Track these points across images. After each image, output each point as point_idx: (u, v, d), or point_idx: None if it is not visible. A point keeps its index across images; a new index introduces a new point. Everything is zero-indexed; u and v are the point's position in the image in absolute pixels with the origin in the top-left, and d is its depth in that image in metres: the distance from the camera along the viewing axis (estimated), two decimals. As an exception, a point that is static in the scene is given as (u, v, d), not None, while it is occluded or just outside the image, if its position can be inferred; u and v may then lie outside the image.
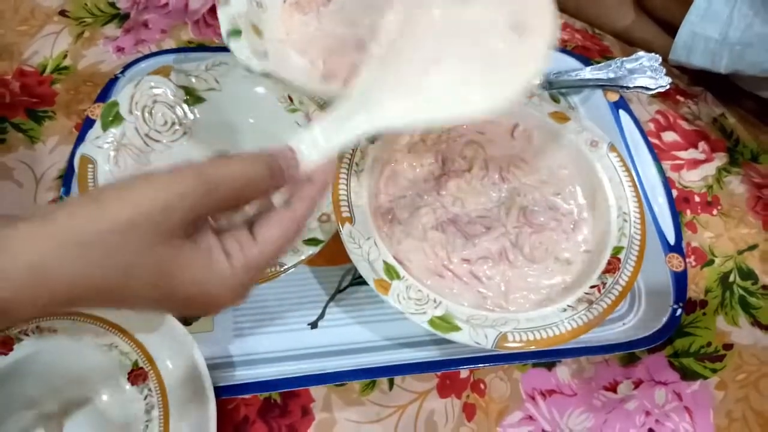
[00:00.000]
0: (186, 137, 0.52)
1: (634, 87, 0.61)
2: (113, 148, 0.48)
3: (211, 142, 0.52)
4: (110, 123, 0.48)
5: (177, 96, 0.51)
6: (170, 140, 0.51)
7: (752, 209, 0.59)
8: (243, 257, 0.26)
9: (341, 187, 0.45)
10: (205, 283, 0.25)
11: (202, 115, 0.52)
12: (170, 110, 0.51)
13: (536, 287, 0.46)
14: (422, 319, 0.41)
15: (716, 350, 0.50)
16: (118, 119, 0.48)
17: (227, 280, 0.26)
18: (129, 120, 0.49)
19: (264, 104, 0.52)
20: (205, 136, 0.52)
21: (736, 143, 0.64)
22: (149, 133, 0.50)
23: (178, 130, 0.51)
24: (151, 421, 0.40)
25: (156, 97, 0.50)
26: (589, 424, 0.46)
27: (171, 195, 0.24)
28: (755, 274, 0.55)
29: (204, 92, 0.52)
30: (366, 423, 0.44)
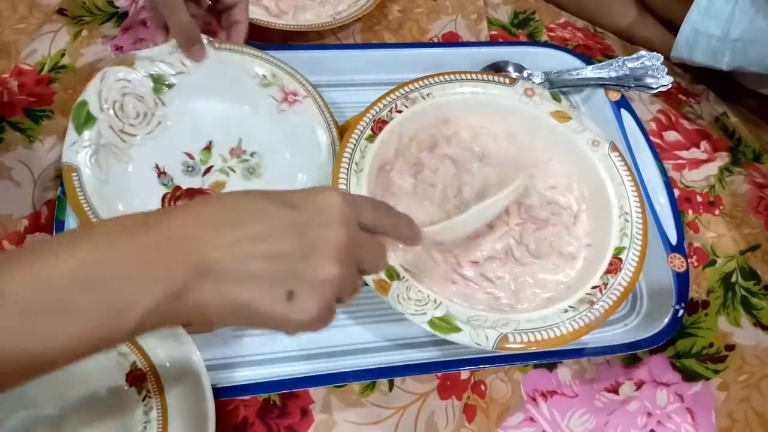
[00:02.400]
0: (162, 127, 0.50)
1: (636, 86, 0.61)
2: (92, 150, 0.46)
3: (189, 129, 0.51)
4: (83, 125, 0.46)
5: (145, 85, 0.49)
6: (147, 132, 0.49)
7: (754, 209, 0.59)
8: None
9: (341, 187, 0.45)
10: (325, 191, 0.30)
11: (175, 102, 0.50)
12: (141, 101, 0.49)
13: (544, 284, 0.46)
14: (422, 319, 0.41)
15: (718, 351, 0.50)
16: (91, 119, 0.46)
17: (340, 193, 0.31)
18: (101, 118, 0.47)
19: (237, 81, 0.51)
20: (181, 123, 0.51)
21: (738, 143, 0.64)
22: (124, 128, 0.48)
23: (153, 120, 0.49)
24: (150, 423, 0.40)
25: (124, 89, 0.48)
26: (590, 425, 0.46)
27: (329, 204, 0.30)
28: (757, 274, 0.54)
29: (173, 77, 0.50)
30: (366, 424, 0.44)
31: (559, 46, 0.67)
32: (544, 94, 0.53)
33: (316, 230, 0.29)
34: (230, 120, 0.52)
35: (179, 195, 0.49)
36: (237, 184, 0.50)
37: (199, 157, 0.51)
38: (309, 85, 0.53)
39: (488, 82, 0.53)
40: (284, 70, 0.53)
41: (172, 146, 0.50)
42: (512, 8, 0.71)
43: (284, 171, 0.51)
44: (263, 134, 0.52)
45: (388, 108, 0.50)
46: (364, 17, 0.64)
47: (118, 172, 0.47)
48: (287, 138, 0.52)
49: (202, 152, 0.51)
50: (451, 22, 0.68)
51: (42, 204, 0.49)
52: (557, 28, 0.71)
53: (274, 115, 0.52)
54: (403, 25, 0.67)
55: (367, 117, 0.49)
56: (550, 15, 0.72)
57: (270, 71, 0.52)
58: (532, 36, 0.69)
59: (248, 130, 0.52)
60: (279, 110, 0.52)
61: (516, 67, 0.63)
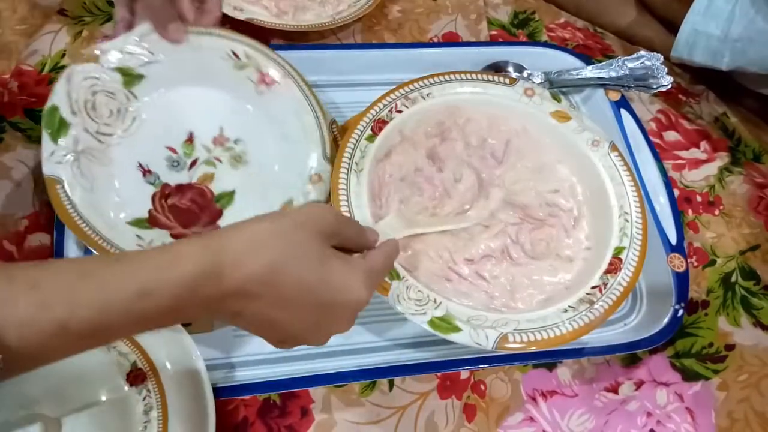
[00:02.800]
0: (138, 122, 0.48)
1: (636, 86, 0.61)
2: (73, 159, 0.44)
3: (167, 122, 0.49)
4: (58, 132, 0.44)
5: (114, 80, 0.46)
6: (123, 129, 0.47)
7: (754, 209, 0.59)
8: (364, 263, 0.35)
9: (341, 187, 0.45)
10: (347, 273, 0.33)
11: (148, 94, 0.48)
12: (112, 98, 0.46)
13: (540, 285, 0.46)
14: (422, 319, 0.41)
15: (718, 351, 0.50)
16: (65, 125, 0.44)
17: (359, 275, 0.34)
18: (75, 122, 0.45)
19: (209, 66, 0.49)
20: (158, 116, 0.48)
21: (737, 143, 0.64)
22: (99, 128, 0.46)
23: (128, 116, 0.47)
24: (150, 422, 0.40)
25: (93, 87, 0.46)
26: (590, 425, 0.46)
27: (324, 213, 0.34)
28: (757, 274, 0.54)
29: (142, 68, 0.48)
30: (366, 424, 0.44)
31: (559, 46, 0.67)
32: (544, 94, 0.53)
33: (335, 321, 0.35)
34: (208, 108, 0.50)
35: (169, 193, 0.48)
36: (225, 175, 0.49)
37: (182, 150, 0.49)
38: (287, 65, 0.51)
39: (488, 82, 0.53)
40: (258, 51, 0.51)
41: (152, 142, 0.48)
42: (512, 8, 0.71)
43: (271, 155, 0.50)
44: (244, 119, 0.51)
45: (388, 108, 0.50)
46: (364, 17, 0.64)
47: (103, 177, 0.46)
48: (270, 121, 0.51)
49: (185, 145, 0.49)
50: (451, 22, 0.68)
51: (42, 204, 0.49)
52: (557, 28, 0.71)
53: (253, 99, 0.51)
54: (403, 25, 0.67)
55: (367, 117, 0.49)
56: (550, 15, 0.72)
57: (243, 51, 0.50)
58: (532, 36, 0.69)
59: (228, 116, 0.51)
60: (258, 92, 0.51)
61: (516, 67, 0.63)
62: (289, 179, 0.49)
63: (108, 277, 0.27)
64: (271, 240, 0.31)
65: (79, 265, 0.27)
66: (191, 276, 0.28)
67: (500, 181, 0.51)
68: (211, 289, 0.29)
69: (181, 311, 0.29)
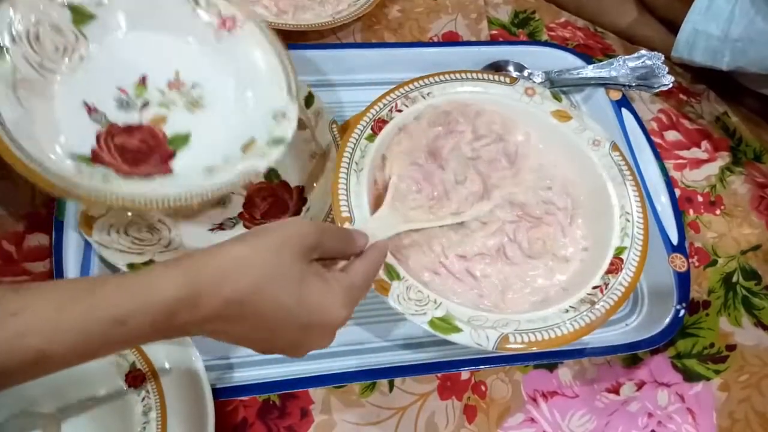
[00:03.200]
0: (86, 63, 0.46)
1: (637, 85, 0.61)
2: (9, 86, 0.41)
3: (118, 65, 0.47)
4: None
5: (63, 16, 0.45)
6: (70, 68, 0.45)
7: (755, 209, 0.58)
8: (344, 280, 0.35)
9: (341, 187, 0.45)
10: (325, 294, 0.33)
11: (99, 36, 0.47)
12: (59, 34, 0.45)
13: (534, 286, 0.46)
14: (422, 320, 0.41)
15: (719, 351, 0.50)
16: (0, 51, 0.42)
17: (338, 294, 0.34)
18: (14, 50, 0.42)
19: (167, 10, 0.48)
20: (108, 59, 0.47)
21: (738, 142, 0.63)
22: (42, 62, 0.44)
23: (74, 56, 0.45)
24: (149, 423, 0.40)
25: (39, 21, 0.44)
26: (591, 426, 0.46)
27: (300, 229, 0.34)
28: (758, 274, 0.54)
29: (94, 8, 0.46)
30: (365, 425, 0.44)
31: (559, 45, 0.67)
32: (544, 94, 0.53)
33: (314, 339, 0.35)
34: (163, 52, 0.49)
35: (116, 132, 0.46)
36: (180, 118, 0.48)
37: (134, 91, 0.47)
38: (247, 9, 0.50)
39: (489, 82, 0.53)
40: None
41: (101, 82, 0.47)
42: (512, 8, 0.71)
43: (231, 99, 0.49)
44: (202, 65, 0.50)
45: (388, 107, 0.50)
46: (364, 17, 0.64)
47: (42, 110, 0.43)
48: (230, 65, 0.50)
49: (137, 87, 0.48)
50: (451, 21, 0.68)
51: (41, 204, 0.49)
52: (558, 27, 0.71)
53: (211, 44, 0.50)
54: (403, 24, 0.67)
55: (367, 116, 0.49)
56: (551, 14, 0.72)
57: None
58: (533, 35, 0.69)
59: (185, 61, 0.49)
60: (217, 37, 0.50)
61: (516, 66, 0.63)
62: (252, 121, 0.48)
63: (86, 306, 0.28)
64: (248, 264, 0.31)
65: (60, 293, 0.28)
66: (167, 303, 0.29)
67: (504, 183, 0.51)
68: (188, 315, 0.29)
69: (160, 334, 0.30)
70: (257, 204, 0.51)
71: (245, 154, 0.46)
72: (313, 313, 0.33)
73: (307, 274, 0.33)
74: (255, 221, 0.50)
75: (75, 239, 0.46)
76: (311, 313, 0.33)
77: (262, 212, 0.50)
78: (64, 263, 0.45)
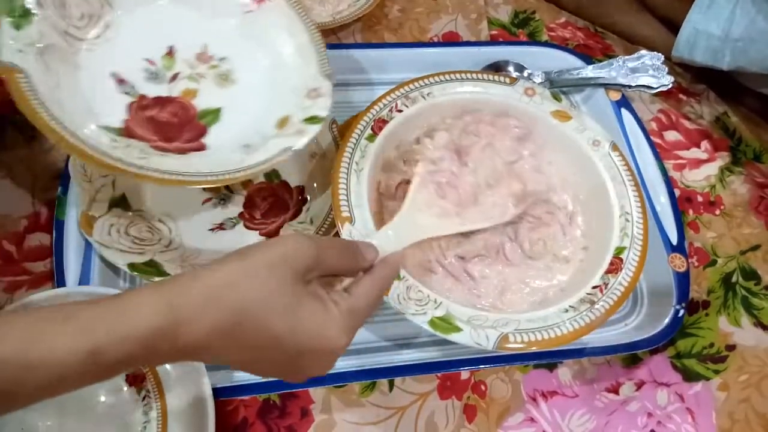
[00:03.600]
0: (112, 31, 0.45)
1: (637, 86, 0.61)
2: (36, 52, 0.41)
3: (144, 35, 0.46)
4: (20, 20, 0.40)
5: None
6: (94, 37, 0.44)
7: (755, 209, 0.58)
8: (345, 303, 0.32)
9: (341, 187, 0.45)
10: (322, 321, 0.31)
11: (125, 4, 0.46)
12: (84, 1, 0.44)
13: (533, 287, 0.46)
14: (422, 319, 0.41)
15: (718, 351, 0.50)
16: (28, 15, 0.41)
17: (337, 320, 0.31)
18: (40, 15, 0.41)
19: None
20: (134, 28, 0.46)
21: (738, 142, 0.63)
22: (68, 29, 0.43)
23: (100, 23, 0.45)
24: (149, 423, 0.40)
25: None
26: (590, 425, 0.46)
27: (296, 247, 0.31)
28: (758, 274, 0.54)
29: None
30: (365, 424, 0.44)
31: (559, 45, 0.67)
32: (544, 94, 0.53)
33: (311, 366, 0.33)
34: (192, 24, 0.48)
35: (147, 104, 0.45)
36: (210, 92, 0.47)
37: (162, 63, 0.47)
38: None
39: (489, 82, 0.53)
40: None
41: (128, 52, 0.46)
42: (512, 8, 0.71)
43: (262, 75, 0.49)
44: (230, 38, 0.49)
45: (388, 108, 0.50)
46: (364, 17, 0.64)
47: (70, 80, 0.42)
48: (259, 40, 0.49)
49: (165, 58, 0.47)
50: (452, 21, 0.68)
51: (42, 204, 0.49)
52: (558, 27, 0.71)
53: (240, 17, 0.49)
54: (403, 24, 0.67)
55: (367, 117, 0.49)
56: (551, 14, 0.72)
57: None
58: (533, 36, 0.69)
59: (214, 34, 0.49)
60: (245, 11, 0.49)
61: (516, 66, 0.63)
62: (284, 98, 0.48)
63: (59, 338, 0.26)
64: (234, 288, 0.29)
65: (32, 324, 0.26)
66: (144, 335, 0.27)
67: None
68: (168, 346, 0.28)
69: (139, 364, 0.29)
70: (257, 204, 0.51)
71: (281, 131, 0.45)
72: (308, 340, 0.30)
73: (302, 296, 0.30)
74: (255, 221, 0.50)
75: (75, 239, 0.46)
76: (306, 340, 0.30)
77: (263, 212, 0.50)
78: (64, 263, 0.45)
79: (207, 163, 0.43)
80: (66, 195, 0.47)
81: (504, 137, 0.51)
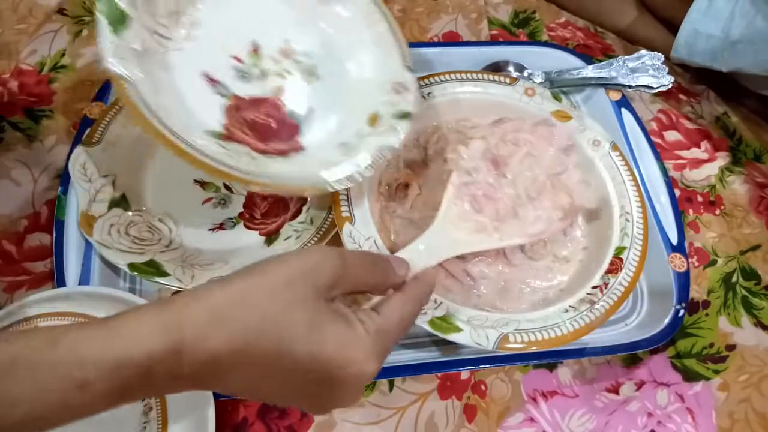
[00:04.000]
0: (198, 28, 0.43)
1: (637, 86, 0.61)
2: (136, 56, 0.38)
3: (228, 31, 0.44)
4: (118, 23, 0.38)
5: None
6: (181, 37, 0.42)
7: (755, 209, 0.58)
8: (374, 323, 0.29)
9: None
10: (346, 343, 0.27)
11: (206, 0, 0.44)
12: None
13: (533, 287, 0.46)
14: (422, 319, 0.41)
15: (719, 351, 0.50)
16: (124, 18, 0.38)
17: (364, 342, 0.28)
18: (134, 16, 0.39)
19: None
20: (217, 24, 0.44)
21: (738, 142, 0.63)
22: (157, 29, 0.41)
23: (185, 20, 0.43)
24: (149, 423, 0.40)
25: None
26: (590, 425, 0.46)
27: (319, 260, 0.28)
28: (758, 274, 0.54)
29: None
30: (366, 424, 0.44)
31: (559, 45, 0.67)
32: (544, 94, 0.53)
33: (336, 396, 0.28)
34: (271, 19, 0.46)
35: (241, 105, 0.43)
36: (298, 89, 0.46)
37: (250, 60, 0.45)
38: None
39: (489, 82, 0.53)
40: None
41: (215, 50, 0.44)
42: (513, 8, 0.71)
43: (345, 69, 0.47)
44: (310, 32, 0.48)
45: (388, 108, 0.50)
46: (364, 17, 0.64)
47: (166, 81, 0.40)
48: (338, 34, 0.48)
49: (251, 55, 0.45)
50: (452, 21, 0.68)
51: (42, 204, 0.49)
52: (558, 27, 0.71)
53: (316, 10, 0.47)
54: (404, 24, 0.67)
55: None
56: (551, 14, 0.72)
57: None
58: (533, 35, 0.69)
59: (293, 28, 0.47)
60: (321, 3, 0.47)
61: (516, 66, 0.63)
62: (369, 92, 0.46)
63: (43, 367, 0.23)
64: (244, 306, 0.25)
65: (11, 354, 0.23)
66: (139, 362, 0.23)
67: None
68: (167, 374, 0.24)
69: (133, 396, 0.25)
70: (257, 204, 0.51)
71: (374, 129, 0.44)
72: (331, 366, 0.27)
73: (324, 315, 0.27)
74: (255, 221, 0.50)
75: (76, 239, 0.46)
76: (327, 365, 0.27)
77: (263, 212, 0.50)
78: (64, 263, 0.45)
79: (313, 164, 0.41)
80: (66, 195, 0.47)
81: (546, 147, 0.49)
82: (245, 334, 0.25)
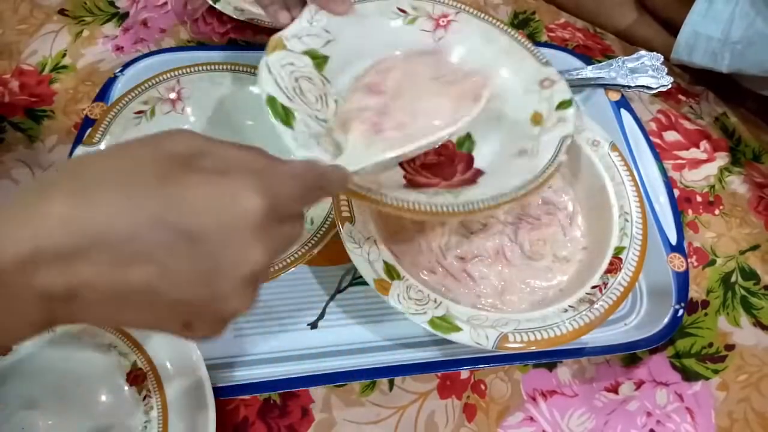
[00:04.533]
0: (341, 104, 0.44)
1: (636, 86, 0.61)
2: (315, 143, 0.40)
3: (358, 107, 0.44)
4: (288, 119, 0.40)
5: (306, 64, 0.44)
6: (334, 114, 0.43)
7: (754, 209, 0.59)
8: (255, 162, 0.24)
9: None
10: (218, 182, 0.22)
11: (337, 76, 0.45)
12: (312, 83, 0.43)
13: (533, 287, 0.46)
14: (422, 319, 0.41)
15: (718, 351, 0.50)
16: (290, 113, 0.40)
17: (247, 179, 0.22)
18: (296, 108, 0.41)
19: (381, 30, 0.46)
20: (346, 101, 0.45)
21: (737, 143, 0.64)
22: (316, 114, 0.42)
23: (329, 101, 0.44)
24: (150, 422, 0.40)
25: (293, 73, 0.42)
26: (590, 425, 0.46)
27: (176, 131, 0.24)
28: (757, 274, 0.54)
29: (323, 49, 0.45)
30: (366, 424, 0.44)
31: (559, 46, 0.67)
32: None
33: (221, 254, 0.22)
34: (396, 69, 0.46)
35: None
36: None
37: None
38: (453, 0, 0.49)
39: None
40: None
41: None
42: (512, 8, 0.71)
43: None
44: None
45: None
46: (364, 17, 0.64)
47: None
48: (463, 59, 0.48)
49: None
50: (451, 22, 0.68)
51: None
52: (557, 28, 0.71)
53: (433, 45, 0.48)
54: (404, 25, 0.67)
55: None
56: (550, 15, 0.72)
57: (408, 4, 0.47)
58: (532, 36, 0.69)
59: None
60: (436, 39, 0.48)
61: (516, 67, 0.63)
62: (519, 98, 0.47)
63: None
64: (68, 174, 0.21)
65: None
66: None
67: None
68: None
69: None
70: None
71: (543, 127, 0.45)
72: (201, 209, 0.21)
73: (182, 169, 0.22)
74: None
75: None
76: (192, 210, 0.21)
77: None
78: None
79: (506, 177, 0.42)
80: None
81: (418, 64, 0.47)
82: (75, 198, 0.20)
